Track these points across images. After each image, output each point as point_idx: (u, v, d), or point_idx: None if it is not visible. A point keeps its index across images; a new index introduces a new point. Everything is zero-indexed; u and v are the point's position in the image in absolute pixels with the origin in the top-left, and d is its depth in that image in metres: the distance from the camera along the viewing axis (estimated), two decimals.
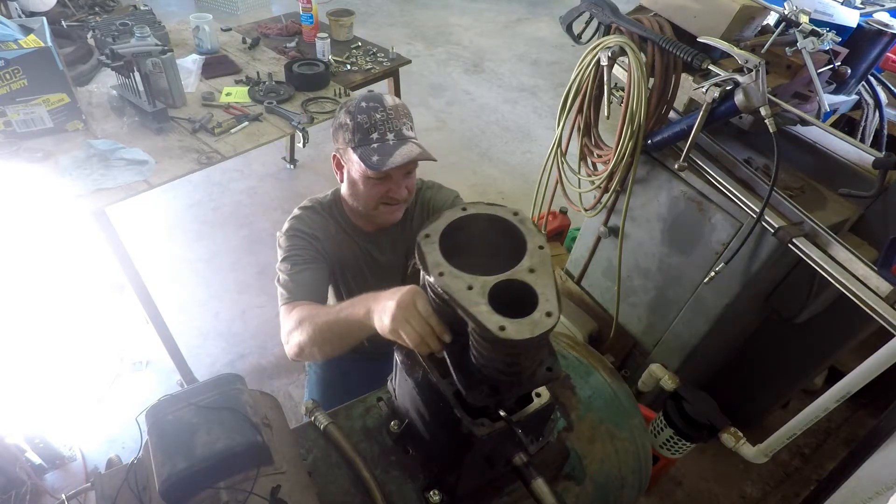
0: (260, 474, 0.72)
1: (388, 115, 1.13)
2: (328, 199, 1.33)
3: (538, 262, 0.68)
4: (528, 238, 0.70)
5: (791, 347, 1.90)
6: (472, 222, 0.75)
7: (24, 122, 1.77)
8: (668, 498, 2.08)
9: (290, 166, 3.57)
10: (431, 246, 0.70)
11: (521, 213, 0.74)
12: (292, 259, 1.22)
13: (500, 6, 6.38)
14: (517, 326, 0.61)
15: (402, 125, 1.14)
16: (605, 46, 1.54)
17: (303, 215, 1.29)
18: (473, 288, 0.65)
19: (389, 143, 1.12)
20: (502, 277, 0.66)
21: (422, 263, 0.69)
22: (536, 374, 0.75)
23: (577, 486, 0.98)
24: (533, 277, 0.66)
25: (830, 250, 1.35)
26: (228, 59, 2.40)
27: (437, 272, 0.67)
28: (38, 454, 1.89)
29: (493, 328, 0.61)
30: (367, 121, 1.12)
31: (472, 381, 0.73)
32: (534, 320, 0.61)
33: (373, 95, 1.16)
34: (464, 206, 0.75)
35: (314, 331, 1.02)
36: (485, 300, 0.63)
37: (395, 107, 1.15)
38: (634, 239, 1.90)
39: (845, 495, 1.49)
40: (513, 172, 3.74)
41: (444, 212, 0.75)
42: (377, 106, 1.13)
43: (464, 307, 0.63)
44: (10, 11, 2.10)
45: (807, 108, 1.60)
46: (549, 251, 0.70)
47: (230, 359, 2.43)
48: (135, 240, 2.64)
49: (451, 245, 0.70)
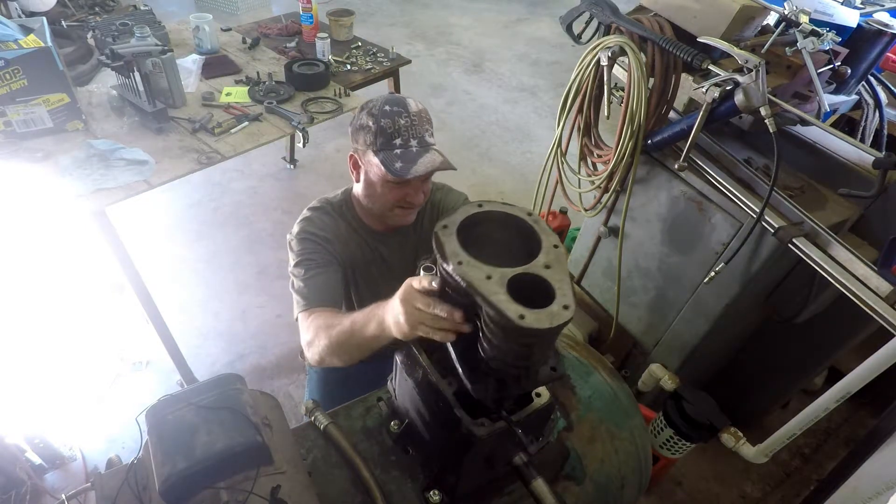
0: (260, 474, 0.72)
1: (412, 120, 1.11)
2: (338, 198, 1.32)
3: (554, 259, 0.69)
4: (543, 237, 0.72)
5: (791, 347, 1.90)
6: (488, 218, 0.76)
7: (24, 122, 1.77)
8: (668, 498, 2.08)
9: (290, 166, 3.57)
10: (450, 237, 0.71)
11: (534, 214, 0.76)
12: (305, 264, 1.21)
13: (500, 6, 6.38)
14: (536, 316, 0.62)
15: (424, 132, 1.13)
16: (605, 46, 1.54)
17: (313, 216, 1.28)
18: (492, 278, 0.66)
19: (413, 151, 1.11)
20: (519, 270, 0.67)
21: (440, 252, 0.69)
22: (541, 371, 0.76)
23: (577, 486, 0.98)
24: (549, 273, 0.68)
25: (830, 250, 1.35)
26: (228, 59, 2.40)
27: (456, 261, 0.68)
28: (38, 454, 1.89)
29: (514, 316, 0.62)
30: (391, 125, 1.10)
31: (478, 375, 0.74)
32: (552, 312, 0.63)
33: (396, 99, 1.14)
34: (479, 203, 0.76)
35: (330, 343, 1.04)
36: (503, 290, 0.65)
37: (419, 112, 1.13)
38: (634, 239, 1.90)
39: (845, 495, 1.49)
40: (513, 172, 3.74)
41: (461, 206, 0.76)
42: (401, 111, 1.11)
43: (483, 295, 0.64)
44: (10, 11, 2.10)
45: (807, 108, 1.60)
46: (563, 250, 0.71)
47: (230, 359, 2.43)
48: (135, 240, 2.64)
49: (465, 239, 0.71)
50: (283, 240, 3.19)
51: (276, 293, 2.69)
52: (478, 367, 0.74)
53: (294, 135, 2.10)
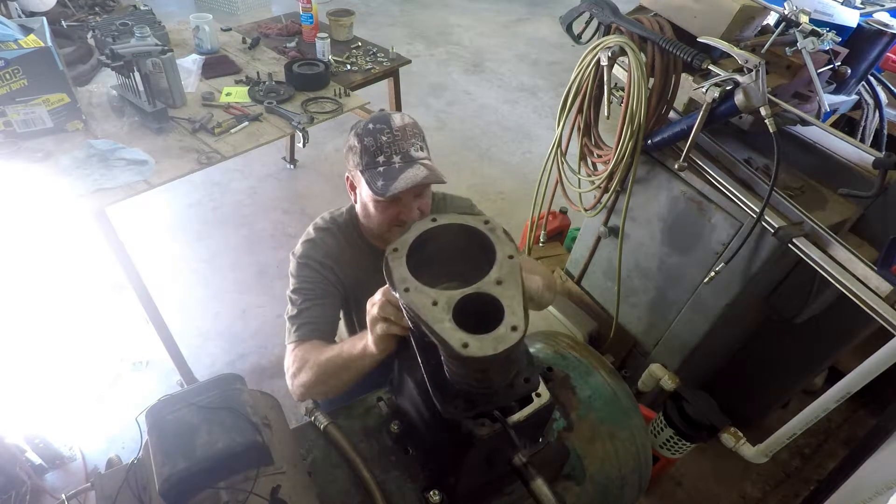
0: (260, 474, 0.72)
1: (394, 136, 1.11)
2: (344, 217, 1.31)
3: (506, 273, 0.65)
4: (498, 247, 0.68)
5: (791, 347, 1.90)
6: (443, 233, 0.73)
7: (24, 122, 1.77)
8: (668, 498, 2.08)
9: (290, 166, 3.57)
10: (399, 261, 0.68)
11: (492, 222, 0.72)
12: (303, 292, 1.21)
13: (500, 6, 6.38)
14: (480, 343, 0.59)
15: (409, 146, 1.11)
16: (605, 46, 1.53)
17: (316, 239, 1.27)
18: (438, 303, 0.63)
19: (395, 167, 1.10)
20: (468, 291, 0.64)
21: (388, 279, 0.67)
22: (515, 385, 0.75)
23: (577, 486, 0.98)
24: (500, 290, 0.64)
25: (830, 250, 1.35)
26: (228, 59, 2.40)
27: (402, 287, 0.65)
28: (38, 454, 1.90)
29: (457, 346, 0.59)
30: (374, 143, 1.10)
31: (448, 396, 0.73)
32: (498, 336, 0.60)
33: (380, 116, 1.14)
34: (433, 217, 0.74)
35: (317, 369, 1.06)
36: (448, 316, 0.62)
37: (403, 127, 1.12)
38: (634, 239, 1.90)
39: (845, 495, 1.49)
40: (513, 172, 3.74)
41: (414, 223, 0.73)
42: (383, 127, 1.11)
43: (428, 324, 0.62)
44: (10, 11, 2.10)
45: (807, 108, 1.60)
46: (518, 260, 0.68)
47: (230, 359, 2.43)
48: (135, 240, 2.64)
49: (419, 259, 0.69)
50: (283, 240, 3.19)
51: (276, 293, 2.69)
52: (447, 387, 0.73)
53: (294, 135, 2.10)
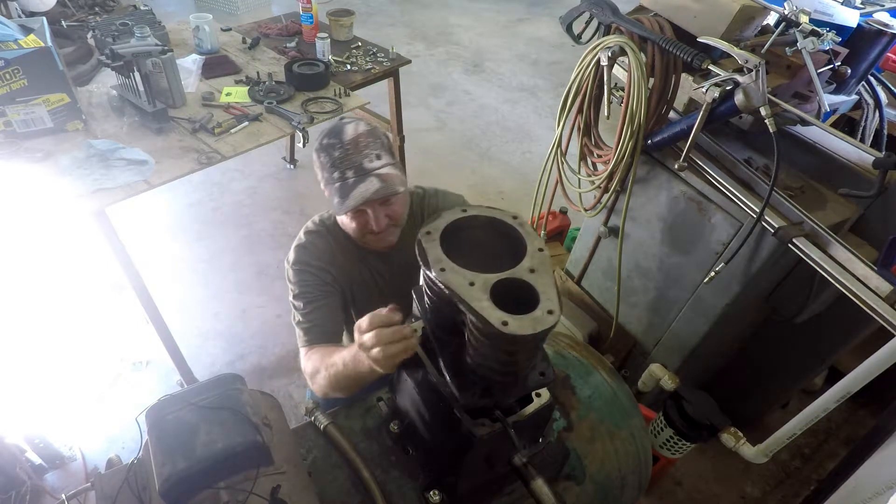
0: (260, 474, 0.72)
1: (345, 150, 1.09)
2: (333, 219, 1.30)
3: (538, 263, 0.68)
4: (528, 240, 0.71)
5: (791, 347, 1.90)
6: (472, 223, 0.75)
7: (24, 122, 1.77)
8: (668, 498, 2.08)
9: (290, 166, 3.57)
10: (433, 242, 0.70)
11: (520, 217, 0.74)
12: (305, 297, 1.21)
13: (500, 6, 6.37)
14: (519, 322, 0.61)
15: (362, 158, 1.09)
16: (605, 46, 1.53)
17: (307, 244, 1.26)
18: (475, 284, 0.65)
19: (349, 182, 1.09)
20: (503, 276, 0.66)
21: (422, 259, 0.69)
22: (529, 377, 0.75)
23: (577, 486, 0.98)
24: (534, 277, 0.66)
25: (830, 250, 1.35)
26: (228, 59, 2.40)
27: (438, 268, 0.67)
28: (38, 454, 1.90)
29: (497, 323, 0.61)
30: (328, 160, 1.10)
31: (465, 383, 0.74)
32: (536, 317, 0.62)
33: (333, 130, 1.12)
34: (464, 208, 0.76)
35: (329, 380, 1.05)
36: (487, 296, 0.64)
37: (355, 139, 1.10)
38: (634, 239, 1.90)
39: (845, 495, 1.49)
40: (513, 172, 3.74)
41: (445, 212, 0.75)
42: (335, 143, 1.10)
43: (466, 302, 0.63)
44: (10, 11, 2.10)
45: (807, 108, 1.60)
46: (548, 254, 0.70)
47: (230, 359, 2.43)
48: (135, 240, 2.64)
49: (450, 245, 0.70)
50: (283, 240, 3.18)
51: (276, 293, 2.69)
52: (465, 375, 0.74)
53: (294, 135, 2.10)
